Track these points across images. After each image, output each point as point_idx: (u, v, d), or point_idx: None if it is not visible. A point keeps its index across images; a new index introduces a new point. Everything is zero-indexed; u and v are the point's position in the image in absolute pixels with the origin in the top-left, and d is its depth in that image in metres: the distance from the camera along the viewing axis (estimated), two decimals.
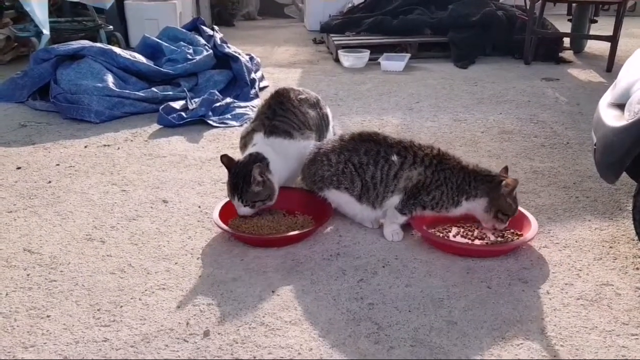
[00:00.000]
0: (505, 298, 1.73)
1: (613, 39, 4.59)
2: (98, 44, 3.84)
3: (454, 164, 2.00)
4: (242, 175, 2.05)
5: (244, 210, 2.10)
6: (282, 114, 2.23)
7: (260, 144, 2.18)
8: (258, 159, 2.10)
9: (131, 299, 1.73)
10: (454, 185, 1.98)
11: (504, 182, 1.95)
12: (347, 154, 2.05)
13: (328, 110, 2.49)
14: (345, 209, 2.14)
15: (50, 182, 2.56)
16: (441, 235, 2.08)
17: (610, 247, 2.01)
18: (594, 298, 1.73)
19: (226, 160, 2.11)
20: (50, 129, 3.25)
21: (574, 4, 5.17)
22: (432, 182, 1.98)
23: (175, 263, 1.92)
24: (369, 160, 2.02)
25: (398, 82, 4.30)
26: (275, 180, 2.12)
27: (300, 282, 1.81)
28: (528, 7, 4.90)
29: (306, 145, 2.19)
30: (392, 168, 2.00)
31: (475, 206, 2.00)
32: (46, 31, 3.85)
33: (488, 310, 1.67)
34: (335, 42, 5.10)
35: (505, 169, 2.08)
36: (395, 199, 2.02)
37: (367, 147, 2.05)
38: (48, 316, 1.65)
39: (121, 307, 1.69)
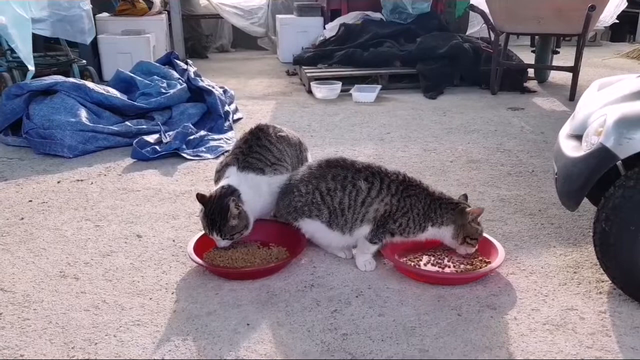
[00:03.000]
0: (475, 325, 1.78)
1: (574, 70, 4.79)
2: (71, 79, 3.86)
3: (419, 191, 2.06)
4: (218, 210, 2.07)
5: (223, 243, 2.13)
6: (258, 150, 2.26)
7: (233, 177, 2.21)
8: (230, 191, 2.12)
9: (106, 335, 1.73)
10: (420, 211, 2.04)
11: (468, 210, 2.03)
12: (315, 181, 2.09)
13: (309, 156, 2.49)
14: (318, 238, 2.17)
15: (22, 218, 2.55)
16: (412, 264, 2.13)
17: (575, 273, 2.08)
18: (560, 323, 1.79)
19: (200, 197, 2.13)
20: (22, 165, 3.24)
21: (536, 36, 5.38)
22: (399, 210, 2.03)
23: (150, 298, 1.93)
24: (337, 186, 2.06)
25: (369, 113, 4.39)
26: (249, 210, 2.15)
27: (275, 315, 1.84)
28: (493, 40, 5.08)
29: (278, 181, 2.23)
30: (360, 194, 2.04)
31: (443, 233, 2.07)
32: (31, 67, 3.94)
33: (458, 337, 1.72)
34: (308, 74, 5.20)
35: (465, 196, 2.16)
36: (365, 229, 2.06)
37: (335, 172, 2.09)
38: (22, 355, 1.64)
39: (96, 344, 1.69)
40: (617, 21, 7.87)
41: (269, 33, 7.58)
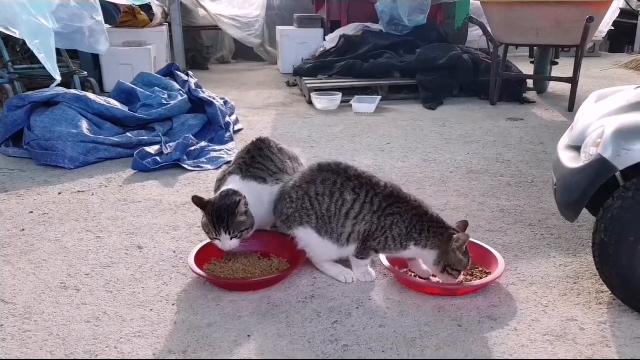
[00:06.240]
0: (475, 336, 1.78)
1: (573, 81, 4.81)
2: (72, 91, 3.88)
3: (406, 209, 1.98)
4: (225, 208, 2.06)
5: (230, 243, 2.07)
6: (260, 161, 2.28)
7: (235, 185, 2.20)
8: (233, 192, 2.12)
9: (106, 347, 1.73)
10: (402, 231, 1.96)
11: (455, 237, 1.94)
12: (306, 186, 2.04)
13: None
14: (313, 248, 2.09)
15: (23, 230, 2.56)
16: (413, 275, 2.13)
17: (575, 283, 2.09)
18: (560, 333, 1.79)
19: (197, 200, 2.12)
20: (23, 176, 3.25)
21: (535, 47, 5.42)
22: (378, 229, 1.97)
23: (151, 310, 1.93)
24: (325, 191, 2.00)
25: (369, 124, 4.41)
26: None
27: (275, 326, 1.84)
28: (492, 51, 5.11)
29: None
30: (345, 205, 1.99)
31: (425, 256, 2.00)
32: (58, 77, 4.00)
33: (459, 348, 1.72)
34: (308, 85, 5.23)
35: (464, 223, 2.04)
36: (352, 247, 2.04)
37: (325, 176, 2.03)
38: None
39: (97, 356, 1.69)
40: (612, 28, 7.92)
41: (264, 44, 7.65)
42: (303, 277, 2.14)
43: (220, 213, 2.06)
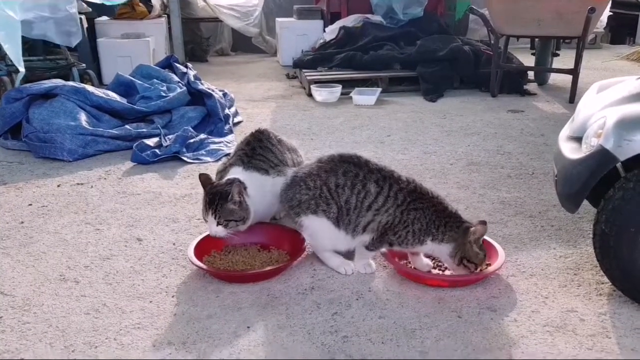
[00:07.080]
0: (475, 327, 1.78)
1: (574, 72, 4.79)
2: (71, 83, 3.86)
3: (427, 205, 1.97)
4: (220, 191, 2.06)
5: (216, 229, 2.07)
6: (261, 152, 2.28)
7: (238, 176, 2.19)
8: (237, 180, 2.12)
9: (106, 339, 1.73)
10: (422, 226, 1.96)
11: (472, 229, 1.94)
12: (325, 175, 2.02)
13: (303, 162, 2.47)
14: (322, 238, 2.07)
15: (22, 222, 2.55)
16: (413, 266, 2.13)
17: (575, 274, 2.08)
18: (560, 324, 1.79)
19: (204, 178, 2.12)
20: (22, 169, 3.24)
21: (536, 39, 5.39)
22: (400, 223, 1.97)
23: (150, 301, 1.93)
24: (346, 182, 1.99)
25: (370, 116, 4.40)
26: (251, 204, 2.13)
27: (275, 317, 1.84)
28: (493, 42, 5.09)
29: (281, 182, 2.20)
30: (368, 197, 1.98)
31: (441, 249, 1.99)
32: (22, 69, 3.93)
33: (458, 339, 1.72)
34: (308, 77, 5.21)
35: (483, 223, 1.97)
36: (365, 237, 2.03)
37: (346, 168, 2.01)
38: (22, 359, 1.64)
39: (96, 347, 1.69)
40: (610, 13, 7.87)
41: (262, 33, 7.62)
42: (303, 269, 2.14)
43: (214, 196, 2.06)
